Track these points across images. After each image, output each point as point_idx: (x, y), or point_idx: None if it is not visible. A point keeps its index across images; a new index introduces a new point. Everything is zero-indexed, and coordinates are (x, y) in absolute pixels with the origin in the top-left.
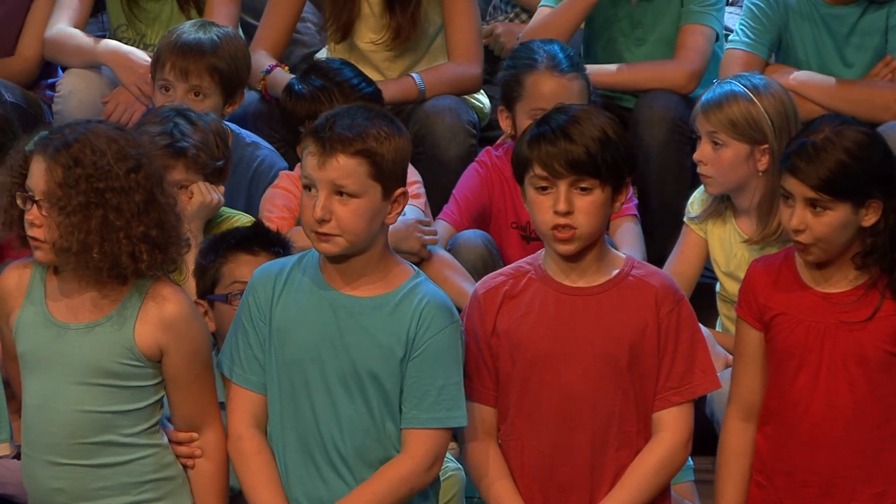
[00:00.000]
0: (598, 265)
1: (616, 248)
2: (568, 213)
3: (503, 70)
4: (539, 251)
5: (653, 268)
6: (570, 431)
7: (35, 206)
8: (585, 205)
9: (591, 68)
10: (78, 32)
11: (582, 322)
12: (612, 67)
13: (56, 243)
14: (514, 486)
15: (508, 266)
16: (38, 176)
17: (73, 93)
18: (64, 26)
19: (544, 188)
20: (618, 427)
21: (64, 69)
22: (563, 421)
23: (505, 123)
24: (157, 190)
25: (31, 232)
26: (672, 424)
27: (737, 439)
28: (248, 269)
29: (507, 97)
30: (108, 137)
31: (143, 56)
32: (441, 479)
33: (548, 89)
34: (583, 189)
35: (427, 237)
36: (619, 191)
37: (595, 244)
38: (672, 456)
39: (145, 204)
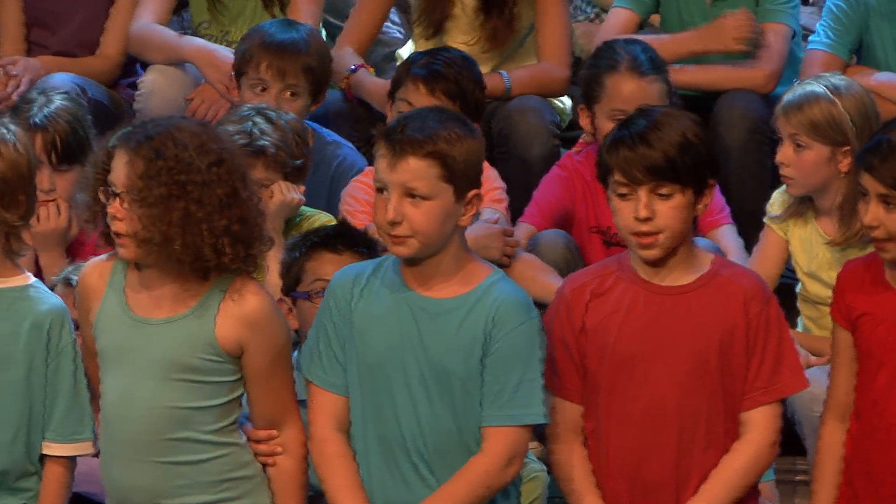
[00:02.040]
0: (686, 264)
1: (723, 255)
2: (648, 220)
3: (585, 69)
4: (625, 250)
5: (741, 267)
6: (657, 431)
7: (117, 199)
8: (667, 210)
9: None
10: (163, 28)
11: (670, 321)
12: (691, 67)
13: (138, 234)
14: (601, 502)
15: (594, 264)
16: (121, 169)
17: (155, 90)
18: (148, 21)
19: (625, 195)
20: (705, 427)
21: (145, 67)
22: (650, 420)
23: (585, 122)
24: (239, 185)
25: (113, 226)
26: (760, 424)
27: (832, 439)
28: (330, 268)
29: (588, 96)
30: (190, 132)
31: (228, 53)
32: (525, 479)
33: (627, 91)
34: (663, 195)
35: (508, 247)
36: (703, 192)
37: (681, 244)
38: (760, 456)
39: (227, 198)
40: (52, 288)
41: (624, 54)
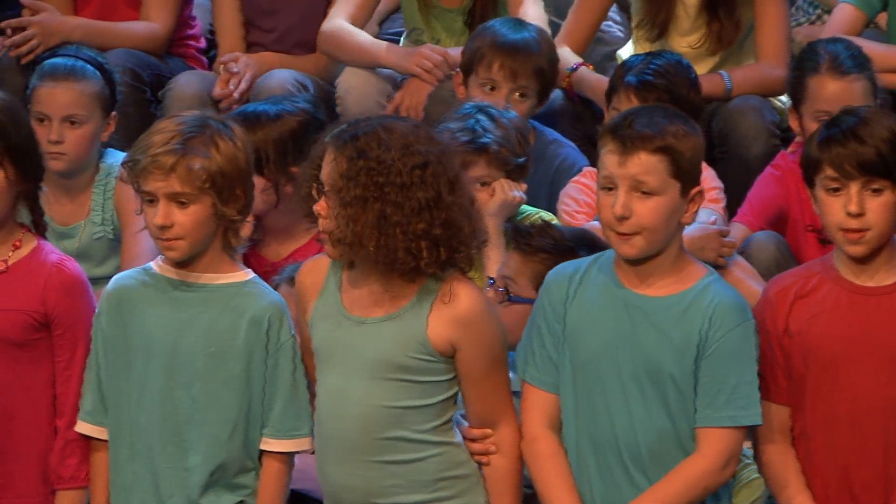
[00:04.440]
0: (890, 264)
1: None
2: (859, 215)
3: (790, 71)
4: (829, 252)
5: None
6: (863, 433)
7: (324, 196)
8: (877, 206)
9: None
10: (356, 31)
11: (874, 322)
12: None
13: (333, 234)
14: (813, 502)
15: (798, 266)
16: (327, 167)
17: (350, 91)
18: (341, 21)
19: (835, 189)
20: None
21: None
22: (856, 422)
23: (794, 124)
24: (444, 189)
25: (320, 224)
26: None
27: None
28: (513, 265)
29: (794, 99)
30: (399, 133)
31: (428, 48)
32: (742, 483)
33: (829, 91)
34: (874, 190)
35: (724, 248)
36: None
37: (886, 244)
38: None
39: (429, 201)
40: (277, 287)
41: (825, 55)
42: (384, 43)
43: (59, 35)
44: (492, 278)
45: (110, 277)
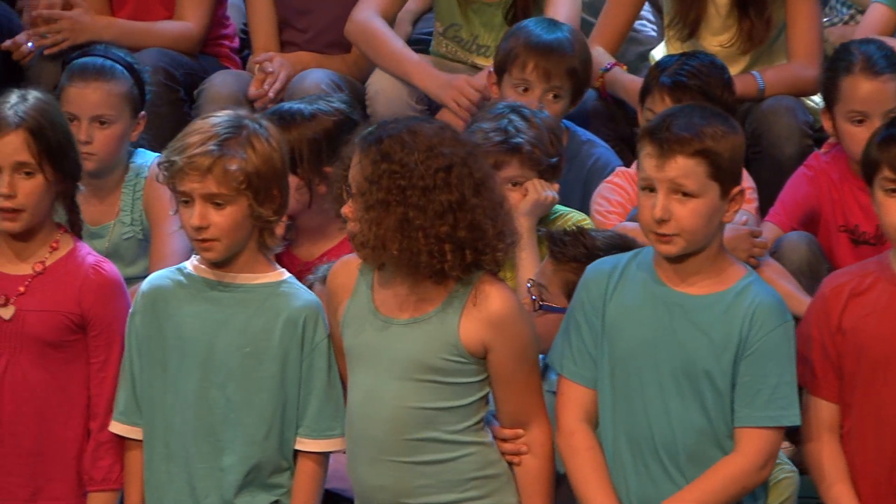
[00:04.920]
0: None
1: None
2: None
3: (823, 71)
4: (886, 251)
5: None
6: None
7: (351, 199)
8: None
9: None
10: (387, 31)
11: None
12: None
13: (356, 237)
14: (853, 491)
15: (854, 265)
16: (354, 169)
17: (381, 92)
18: (372, 14)
19: (893, 190)
20: None
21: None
22: None
23: (827, 125)
24: (469, 191)
25: (348, 226)
26: None
27: None
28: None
29: (827, 99)
30: (425, 135)
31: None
32: (774, 481)
33: (863, 92)
34: None
35: (756, 248)
36: None
37: None
38: None
39: (452, 204)
40: (311, 286)
41: (858, 55)
42: (417, 58)
43: (88, 33)
44: (531, 281)
45: (140, 278)
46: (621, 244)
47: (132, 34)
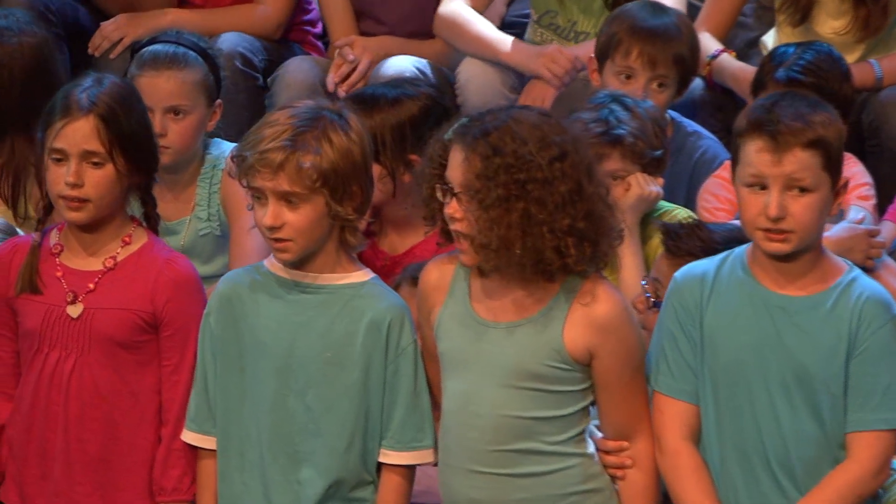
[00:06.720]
0: None
1: None
2: None
3: None
4: None
5: None
6: None
7: (455, 199)
8: None
9: None
10: (476, 19)
11: None
12: None
13: (475, 239)
14: None
15: None
16: (456, 166)
17: (472, 80)
18: (461, 5)
19: None
20: None
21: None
22: None
23: None
24: (584, 179)
25: (453, 226)
26: None
27: None
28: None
29: None
30: (530, 124)
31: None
32: (893, 498)
33: None
34: None
35: (874, 249)
36: None
37: None
38: None
39: (571, 194)
40: (397, 287)
41: None
42: (507, 38)
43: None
44: (646, 277)
45: (217, 276)
46: (741, 238)
47: (207, 19)
